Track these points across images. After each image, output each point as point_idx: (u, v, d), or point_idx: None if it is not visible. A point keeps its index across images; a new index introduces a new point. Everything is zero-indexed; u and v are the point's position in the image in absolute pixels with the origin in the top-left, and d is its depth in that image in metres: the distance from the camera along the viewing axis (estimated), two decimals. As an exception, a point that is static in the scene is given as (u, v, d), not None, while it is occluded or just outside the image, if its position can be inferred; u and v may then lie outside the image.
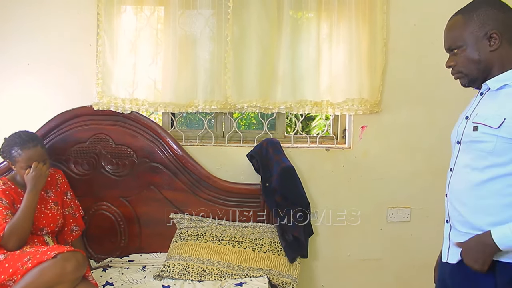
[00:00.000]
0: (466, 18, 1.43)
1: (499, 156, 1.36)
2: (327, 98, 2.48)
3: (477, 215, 1.41)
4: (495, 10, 1.41)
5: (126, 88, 2.46)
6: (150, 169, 2.50)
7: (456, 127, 1.57)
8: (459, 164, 1.49)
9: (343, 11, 2.47)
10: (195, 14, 2.49)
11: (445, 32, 1.52)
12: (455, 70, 1.49)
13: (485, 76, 1.44)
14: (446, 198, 1.55)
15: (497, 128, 1.35)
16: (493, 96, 1.43)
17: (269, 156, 2.38)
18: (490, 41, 1.40)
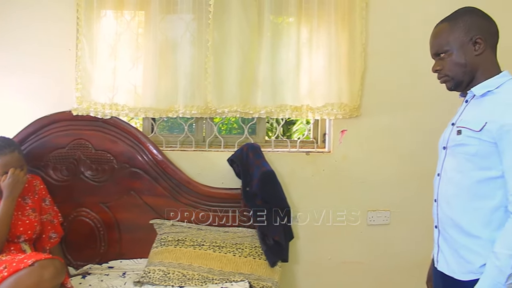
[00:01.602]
0: (452, 24, 1.49)
1: (483, 159, 1.41)
2: (307, 103, 2.50)
3: (466, 219, 1.45)
4: (479, 18, 1.49)
5: (106, 93, 2.44)
6: (130, 175, 2.48)
7: (443, 134, 1.62)
8: (446, 168, 1.54)
9: (323, 16, 2.49)
10: (175, 19, 2.49)
11: (431, 39, 1.57)
12: (442, 74, 1.54)
13: (470, 79, 1.49)
14: (435, 203, 1.59)
15: (479, 132, 1.40)
16: (477, 102, 1.49)
17: (249, 161, 2.39)
18: (475, 46, 1.46)
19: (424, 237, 2.60)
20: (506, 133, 1.34)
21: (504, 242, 1.33)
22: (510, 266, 1.30)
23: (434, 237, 1.63)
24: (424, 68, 2.55)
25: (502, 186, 1.39)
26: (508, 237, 1.33)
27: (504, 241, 1.34)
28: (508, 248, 1.32)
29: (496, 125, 1.36)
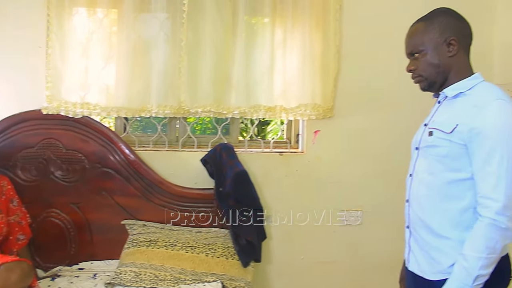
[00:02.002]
0: (427, 25, 1.51)
1: (454, 160, 1.43)
2: (281, 103, 2.51)
3: (435, 220, 1.48)
4: (453, 19, 1.51)
5: (77, 92, 2.40)
6: (102, 175, 2.45)
7: (416, 134, 1.64)
8: (418, 169, 1.56)
9: (297, 18, 2.51)
10: (149, 18, 2.47)
11: (406, 38, 1.58)
12: (416, 74, 1.55)
13: (443, 80, 1.51)
14: (407, 204, 1.61)
15: (450, 133, 1.42)
16: (449, 103, 1.51)
17: (222, 161, 2.39)
18: (449, 47, 1.48)
19: (396, 236, 2.62)
20: (476, 136, 1.36)
21: (472, 244, 1.35)
22: (477, 268, 1.33)
23: (405, 238, 1.64)
24: (397, 69, 2.59)
25: (471, 187, 1.41)
26: (476, 239, 1.35)
27: (472, 243, 1.36)
28: (476, 250, 1.34)
29: (466, 128, 1.38)
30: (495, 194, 1.33)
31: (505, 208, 1.32)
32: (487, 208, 1.34)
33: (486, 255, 1.33)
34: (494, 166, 1.34)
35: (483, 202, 1.36)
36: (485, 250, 1.33)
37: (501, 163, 1.33)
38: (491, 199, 1.34)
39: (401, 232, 2.61)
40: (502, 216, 1.32)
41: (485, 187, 1.36)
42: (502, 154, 1.34)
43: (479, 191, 1.37)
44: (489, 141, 1.35)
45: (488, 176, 1.35)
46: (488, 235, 1.33)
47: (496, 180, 1.33)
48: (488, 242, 1.33)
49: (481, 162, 1.36)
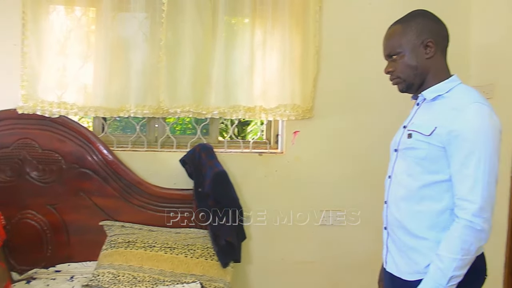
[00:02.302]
0: (404, 27, 1.51)
1: (432, 163, 1.44)
2: (260, 104, 2.52)
3: (413, 221, 1.49)
4: (430, 21, 1.52)
5: (54, 91, 2.37)
6: (79, 175, 2.42)
7: (395, 136, 1.65)
8: (397, 171, 1.57)
9: (277, 19, 2.52)
10: (128, 17, 2.45)
11: (384, 40, 1.59)
12: (394, 76, 1.56)
13: (421, 82, 1.52)
14: (385, 205, 1.61)
15: (429, 136, 1.43)
16: (428, 106, 1.52)
17: (202, 161, 2.38)
18: (426, 49, 1.49)
19: (375, 236, 2.63)
20: (455, 138, 1.37)
21: (448, 245, 1.37)
22: (451, 269, 1.34)
23: (383, 239, 1.65)
24: (376, 71, 2.62)
25: (449, 189, 1.42)
26: (452, 241, 1.36)
27: (448, 244, 1.37)
28: (451, 252, 1.35)
29: (445, 130, 1.39)
30: (472, 196, 1.34)
31: (481, 210, 1.33)
32: (464, 210, 1.35)
33: (461, 256, 1.34)
34: (471, 168, 1.35)
35: (460, 204, 1.37)
36: (460, 251, 1.34)
37: (478, 166, 1.35)
38: (468, 201, 1.35)
39: (381, 233, 2.65)
40: (478, 217, 1.33)
41: (462, 189, 1.37)
42: (479, 156, 1.35)
43: (457, 193, 1.39)
44: (467, 144, 1.36)
45: (465, 178, 1.36)
46: (464, 237, 1.34)
47: (473, 182, 1.35)
48: (463, 243, 1.34)
49: (458, 164, 1.38)
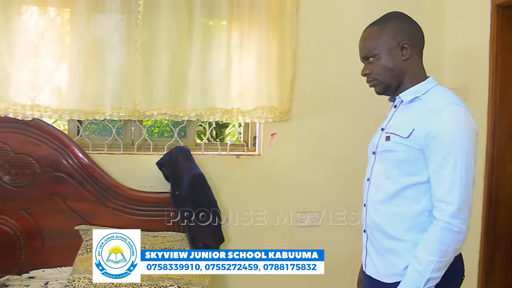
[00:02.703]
0: (380, 28, 1.51)
1: (410, 165, 1.44)
2: (238, 106, 2.51)
3: (391, 223, 1.48)
4: (406, 23, 1.52)
5: (27, 94, 2.32)
6: (54, 179, 2.37)
7: (373, 138, 1.64)
8: (375, 174, 1.56)
9: (254, 21, 2.52)
10: (103, 18, 2.42)
11: (360, 43, 1.58)
12: (371, 78, 1.55)
13: (398, 84, 1.52)
14: (364, 208, 1.61)
15: (406, 138, 1.43)
16: (405, 108, 1.52)
17: (179, 164, 2.36)
18: (402, 51, 1.49)
19: (354, 238, 2.66)
20: (432, 140, 1.38)
21: (426, 247, 1.37)
22: (429, 271, 1.34)
23: (362, 242, 1.65)
24: (353, 73, 2.64)
25: (427, 191, 1.42)
26: (430, 243, 1.36)
27: (426, 246, 1.37)
28: (429, 254, 1.35)
29: (422, 132, 1.39)
30: (449, 198, 1.35)
31: (458, 211, 1.34)
32: (441, 211, 1.36)
33: (439, 258, 1.34)
34: (448, 170, 1.36)
35: (438, 205, 1.38)
36: (438, 253, 1.34)
37: (456, 167, 1.35)
38: (445, 202, 1.35)
39: (358, 234, 2.66)
40: (456, 219, 1.34)
41: (440, 190, 1.37)
42: (457, 158, 1.35)
43: (434, 195, 1.39)
44: (444, 145, 1.36)
45: (442, 179, 1.37)
46: (441, 239, 1.35)
47: (450, 184, 1.35)
48: (441, 245, 1.34)
49: (436, 166, 1.38)
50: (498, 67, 2.35)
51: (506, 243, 2.42)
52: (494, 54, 2.35)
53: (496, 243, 2.40)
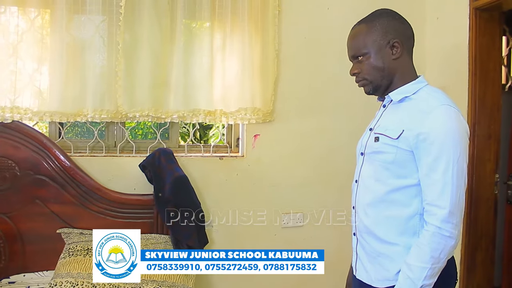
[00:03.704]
0: (369, 26, 1.47)
1: (400, 167, 1.40)
2: (221, 107, 2.51)
3: (382, 227, 1.45)
4: (395, 21, 1.48)
5: (6, 96, 2.28)
6: (35, 182, 2.34)
7: (361, 139, 1.60)
8: (364, 175, 1.52)
9: (236, 22, 2.52)
10: (84, 20, 2.40)
11: (348, 41, 1.53)
12: (360, 78, 1.51)
13: (388, 84, 1.48)
14: (353, 211, 1.56)
15: (396, 139, 1.39)
16: (394, 108, 1.48)
17: (161, 166, 2.35)
18: (393, 49, 1.45)
19: (336, 238, 2.71)
20: (422, 142, 1.35)
21: (417, 254, 1.34)
22: (422, 279, 1.32)
23: (352, 245, 1.61)
24: (336, 74, 2.70)
25: (418, 193, 1.39)
26: (421, 249, 1.33)
27: (417, 253, 1.34)
28: (421, 261, 1.32)
29: (412, 133, 1.36)
30: (441, 201, 1.32)
31: (450, 215, 1.31)
32: (433, 216, 1.33)
33: (431, 265, 1.32)
34: (439, 172, 1.32)
35: (429, 209, 1.34)
36: (430, 260, 1.32)
37: (447, 170, 1.32)
38: (437, 206, 1.32)
39: (343, 234, 2.69)
40: (447, 223, 1.31)
41: (431, 194, 1.34)
42: (448, 160, 1.32)
43: (425, 198, 1.36)
44: (435, 147, 1.33)
45: (433, 182, 1.34)
46: (433, 245, 1.32)
47: (442, 187, 1.32)
48: (433, 252, 1.32)
49: (427, 168, 1.35)
50: (477, 68, 2.39)
51: (487, 242, 2.46)
52: (473, 55, 2.40)
53: (477, 241, 2.44)
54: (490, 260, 2.47)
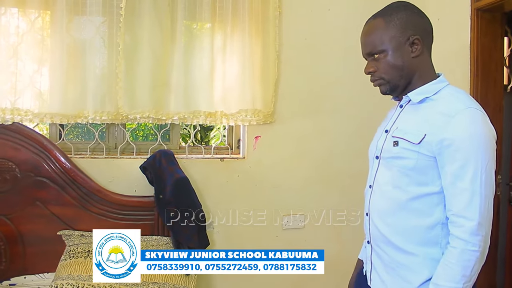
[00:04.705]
0: (387, 21, 1.35)
1: (421, 174, 1.31)
2: (221, 109, 2.51)
3: (400, 236, 1.36)
4: (414, 15, 1.37)
5: (7, 97, 2.28)
6: (35, 184, 2.34)
7: (375, 140, 1.49)
8: (380, 181, 1.42)
9: (237, 23, 2.52)
10: (85, 21, 2.39)
11: (363, 37, 1.42)
12: (376, 77, 1.40)
13: (407, 83, 1.38)
14: (366, 217, 1.46)
15: (418, 144, 1.29)
16: (414, 109, 1.38)
17: (162, 168, 2.35)
18: (412, 47, 1.34)
19: (337, 239, 2.71)
20: (447, 148, 1.25)
21: (446, 273, 1.25)
22: None
23: (366, 253, 1.51)
24: (336, 75, 2.69)
25: (440, 202, 1.30)
26: (451, 268, 1.24)
27: (446, 272, 1.25)
28: (452, 281, 1.23)
29: (436, 138, 1.26)
30: (468, 212, 1.22)
31: (479, 227, 1.22)
32: (460, 228, 1.24)
33: (463, 284, 1.23)
34: (466, 181, 1.23)
35: (456, 220, 1.25)
36: (462, 279, 1.22)
37: (475, 178, 1.23)
38: (464, 217, 1.23)
39: (344, 236, 2.68)
40: (476, 236, 1.22)
41: (457, 204, 1.25)
42: (476, 168, 1.23)
43: (451, 208, 1.26)
44: (461, 154, 1.23)
45: (460, 192, 1.24)
46: (464, 263, 1.22)
47: (470, 197, 1.23)
48: (464, 270, 1.22)
49: (452, 176, 1.25)
50: (478, 69, 2.38)
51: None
52: (474, 56, 2.38)
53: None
54: (492, 262, 2.45)
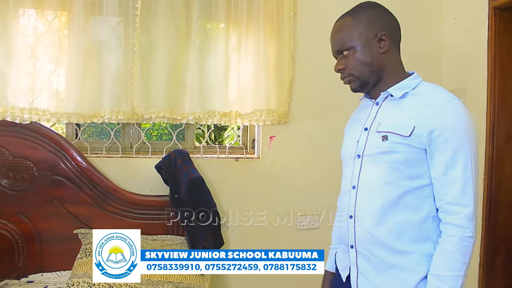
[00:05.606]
0: (355, 19, 1.39)
1: (412, 167, 1.31)
2: (236, 109, 2.51)
3: (394, 235, 1.34)
4: (382, 13, 1.40)
5: (24, 97, 2.31)
6: (52, 183, 2.36)
7: (352, 140, 1.48)
8: (367, 179, 1.39)
9: (252, 23, 2.52)
10: (101, 22, 2.42)
11: (332, 35, 1.46)
12: (346, 74, 1.43)
13: (377, 80, 1.41)
14: (351, 220, 1.41)
15: (408, 137, 1.30)
16: (395, 104, 1.39)
17: (177, 167, 2.36)
18: (380, 43, 1.37)
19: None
20: (437, 138, 1.28)
21: (447, 263, 1.26)
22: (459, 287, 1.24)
23: (349, 259, 1.45)
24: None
25: (429, 194, 1.32)
26: (451, 256, 1.26)
27: (447, 261, 1.26)
28: (454, 269, 1.25)
29: (425, 130, 1.28)
30: (464, 199, 1.25)
31: (474, 213, 1.26)
32: (457, 215, 1.26)
33: (464, 271, 1.25)
34: (459, 170, 1.26)
35: (451, 208, 1.27)
36: (463, 266, 1.25)
37: (466, 166, 1.26)
38: (460, 204, 1.26)
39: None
40: (472, 221, 1.25)
41: (451, 192, 1.27)
42: (466, 157, 1.26)
43: (444, 198, 1.28)
44: (452, 144, 1.27)
45: (454, 180, 1.26)
46: (464, 249, 1.25)
47: (463, 185, 1.26)
48: (465, 257, 1.25)
49: (443, 166, 1.28)
50: (496, 69, 2.35)
51: (507, 246, 2.41)
52: (492, 56, 2.36)
53: (497, 245, 2.40)
54: (510, 264, 2.42)
